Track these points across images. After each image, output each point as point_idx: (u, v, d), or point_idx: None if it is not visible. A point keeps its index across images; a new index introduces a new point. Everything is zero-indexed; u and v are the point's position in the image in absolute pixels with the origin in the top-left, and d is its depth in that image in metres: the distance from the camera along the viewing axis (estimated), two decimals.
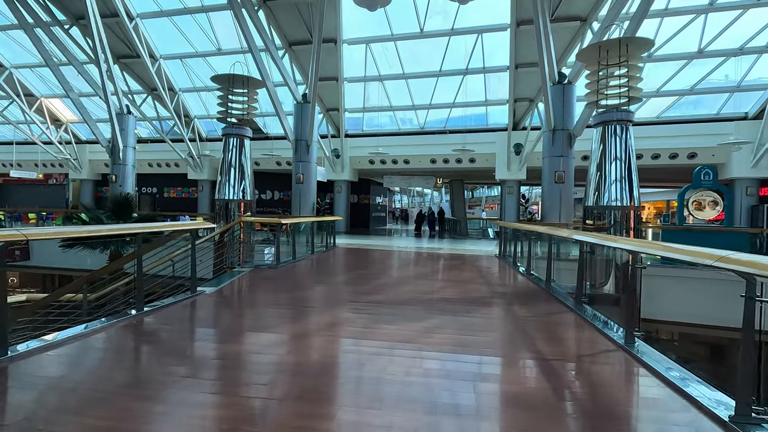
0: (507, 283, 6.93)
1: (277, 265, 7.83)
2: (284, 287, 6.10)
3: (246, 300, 5.39)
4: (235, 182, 8.09)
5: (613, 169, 6.27)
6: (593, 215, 6.51)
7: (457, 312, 4.64)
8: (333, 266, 8.50)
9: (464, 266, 8.86)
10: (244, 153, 8.25)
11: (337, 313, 4.51)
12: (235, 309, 4.89)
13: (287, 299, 5.30)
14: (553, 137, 11.30)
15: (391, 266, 8.61)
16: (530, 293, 5.95)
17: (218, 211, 8.16)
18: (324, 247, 11.53)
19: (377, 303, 5.03)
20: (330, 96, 16.99)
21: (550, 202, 11.46)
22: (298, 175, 13.67)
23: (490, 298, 5.62)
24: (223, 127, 8.24)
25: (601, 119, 6.54)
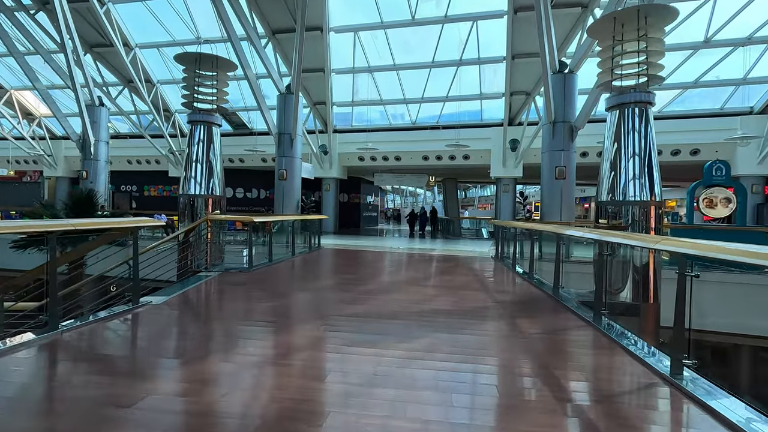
0: (507, 288, 6.12)
1: (250, 268, 6.95)
2: (249, 296, 5.23)
3: (196, 313, 4.51)
4: (203, 176, 7.19)
5: (630, 159, 5.48)
6: (607, 213, 5.72)
7: (452, 328, 3.81)
8: (313, 270, 7.65)
9: (459, 269, 8.04)
10: (213, 143, 7.34)
11: (306, 331, 3.66)
12: (176, 327, 4.00)
13: (247, 312, 4.43)
14: (553, 130, 10.53)
15: (379, 270, 7.77)
16: (536, 302, 5.14)
17: (183, 208, 7.25)
18: (307, 248, 10.66)
19: (358, 317, 4.18)
20: (317, 88, 16.11)
21: (551, 199, 10.70)
22: (281, 171, 12.78)
23: (491, 308, 4.79)
24: (189, 114, 7.34)
25: (616, 102, 5.75)
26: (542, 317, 4.44)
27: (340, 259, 9.71)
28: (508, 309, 4.77)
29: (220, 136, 7.56)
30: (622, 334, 3.52)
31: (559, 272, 5.27)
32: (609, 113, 5.91)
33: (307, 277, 6.83)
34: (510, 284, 6.42)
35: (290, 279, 6.65)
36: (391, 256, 10.32)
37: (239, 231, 13.84)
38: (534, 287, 6.01)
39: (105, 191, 15.29)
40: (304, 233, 10.98)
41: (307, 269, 7.69)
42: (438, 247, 13.01)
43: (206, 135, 7.23)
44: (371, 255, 10.38)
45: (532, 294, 5.59)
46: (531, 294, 5.60)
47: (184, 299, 4.90)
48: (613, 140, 5.72)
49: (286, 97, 12.84)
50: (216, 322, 4.09)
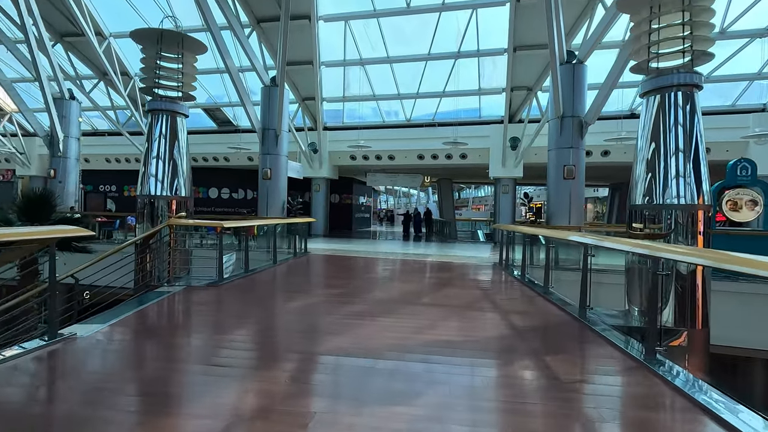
0: (522, 308, 5.19)
1: (220, 281, 5.96)
2: (206, 323, 4.25)
3: (130, 353, 3.49)
4: (165, 174, 6.18)
5: (672, 155, 4.57)
6: (643, 217, 4.81)
7: (464, 374, 2.87)
8: (294, 282, 6.66)
9: (461, 281, 7.11)
10: (178, 136, 6.34)
11: (265, 383, 2.69)
12: (99, 373, 3.01)
13: (196, 351, 3.45)
14: (561, 125, 9.66)
15: (370, 282, 6.80)
16: (562, 328, 4.21)
17: (140, 210, 6.23)
18: (292, 254, 9.67)
19: (339, 356, 3.22)
20: (305, 83, 15.13)
21: (558, 201, 9.82)
22: (265, 170, 11.77)
23: (508, 339, 3.86)
24: (149, 101, 6.34)
25: (655, 86, 4.84)
26: (577, 353, 3.52)
27: (327, 267, 8.74)
28: (530, 341, 3.83)
29: (186, 127, 6.56)
30: (698, 386, 2.59)
31: (586, 290, 4.35)
32: (645, 100, 5.01)
33: (284, 293, 5.85)
34: (523, 301, 5.49)
35: (263, 296, 5.66)
36: (384, 263, 9.36)
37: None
38: (553, 305, 5.09)
39: (76, 191, 14.20)
40: (289, 237, 10.00)
41: (287, 282, 6.71)
42: (434, 252, 12.09)
43: (169, 126, 6.22)
44: (362, 262, 9.42)
45: (554, 316, 4.66)
46: (552, 316, 4.67)
47: (124, 328, 3.90)
48: (650, 132, 4.82)
49: (270, 89, 11.85)
50: (153, 366, 3.11)
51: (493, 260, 10.04)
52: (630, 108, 14.33)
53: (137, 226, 6.24)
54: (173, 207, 6.23)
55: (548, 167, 10.13)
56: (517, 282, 6.89)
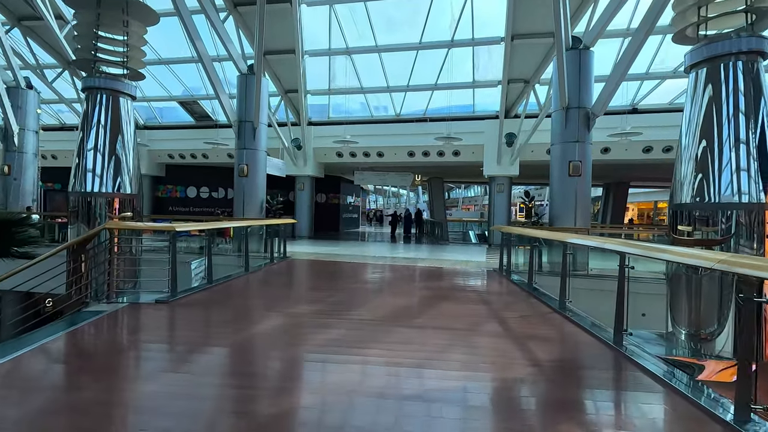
0: (540, 332, 4.24)
1: (172, 297, 4.93)
2: (136, 361, 3.24)
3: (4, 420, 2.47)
4: (105, 167, 5.12)
5: (731, 143, 3.68)
6: (692, 219, 3.93)
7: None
8: (263, 297, 5.64)
9: (459, 292, 6.17)
10: (122, 121, 5.29)
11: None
12: None
13: (112, 409, 2.43)
14: (566, 117, 8.80)
15: (354, 295, 5.81)
16: (598, 364, 3.29)
17: (73, 210, 5.16)
18: (268, 260, 8.64)
19: (313, 411, 2.25)
20: (288, 74, 14.08)
21: (563, 200, 8.96)
22: (242, 166, 10.72)
23: (530, 383, 2.91)
24: (84, 78, 5.28)
25: (707, 55, 3.94)
26: (631, 405, 2.59)
27: (306, 275, 7.73)
28: (563, 386, 2.88)
29: (131, 110, 5.50)
30: None
31: (623, 312, 3.44)
32: (692, 76, 4.12)
33: (247, 312, 4.82)
34: (538, 321, 4.57)
35: (220, 318, 4.63)
36: (372, 269, 8.38)
37: (195, 237, 11.72)
38: (575, 326, 4.18)
39: (34, 189, 12.95)
40: (267, 241, 8.98)
41: (255, 296, 5.69)
42: (426, 256, 11.15)
43: (111, 109, 5.16)
44: (347, 268, 8.42)
45: (583, 345, 3.74)
46: (581, 345, 3.75)
47: (13, 372, 2.86)
48: (700, 114, 3.93)
49: (247, 77, 10.81)
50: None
51: (491, 265, 9.14)
52: (631, 103, 13.59)
53: (70, 227, 5.17)
54: (116, 207, 5.18)
55: (551, 163, 9.28)
56: (523, 292, 5.98)
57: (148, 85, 16.34)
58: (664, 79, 12.75)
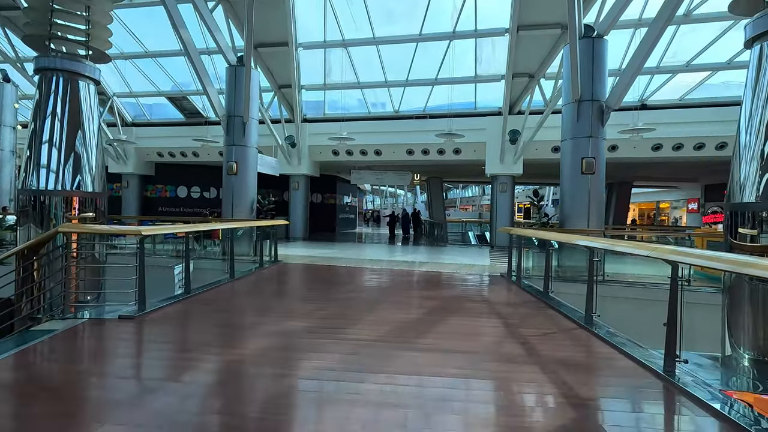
0: (571, 356, 3.62)
1: (140, 311, 4.27)
2: (82, 402, 2.57)
3: None
4: (61, 161, 4.44)
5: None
6: (760, 221, 3.30)
7: None
8: (243, 313, 4.97)
9: (468, 303, 5.53)
10: (83, 109, 4.62)
11: None
12: None
13: None
14: (578, 111, 8.19)
15: (347, 309, 5.14)
16: (652, 400, 2.66)
17: (23, 209, 4.47)
18: (257, 265, 7.98)
19: None
20: (281, 68, 13.41)
21: (575, 200, 8.36)
22: (230, 164, 10.05)
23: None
24: (36, 58, 4.60)
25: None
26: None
27: (296, 283, 7.07)
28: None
29: (94, 96, 4.82)
30: None
31: (676, 335, 2.82)
32: (754, 50, 3.48)
33: (225, 330, 4.16)
34: (567, 342, 3.94)
35: (194, 337, 3.98)
36: (369, 275, 7.74)
37: (179, 240, 11.05)
38: (610, 348, 3.56)
39: (11, 188, 12.23)
40: (256, 244, 8.34)
41: (236, 309, 5.01)
42: (426, 259, 10.52)
43: (69, 94, 4.49)
44: (342, 274, 7.77)
45: (626, 374, 3.11)
46: (624, 373, 3.13)
47: None
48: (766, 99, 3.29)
49: (236, 69, 10.14)
50: None
51: (497, 269, 8.52)
52: (640, 98, 13.01)
53: (20, 229, 4.49)
54: (74, 206, 4.51)
55: (562, 160, 8.67)
56: (539, 303, 5.35)
57: (136, 80, 15.65)
58: (676, 73, 12.17)
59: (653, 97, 13.15)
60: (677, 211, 28.95)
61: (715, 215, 22.12)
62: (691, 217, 25.04)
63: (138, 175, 18.10)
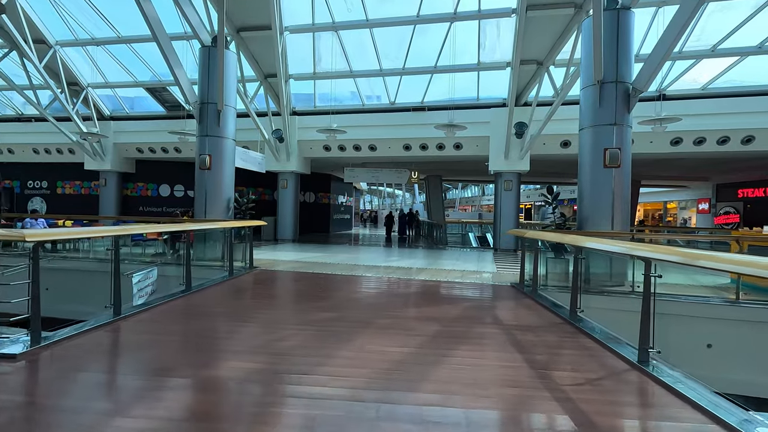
0: (635, 422, 2.48)
1: (34, 345, 3.12)
2: None
3: None
4: None
5: None
6: None
7: None
8: (184, 347, 3.81)
9: (481, 330, 4.39)
10: None
11: None
12: None
13: None
14: (601, 95, 7.06)
15: (323, 340, 3.98)
16: None
17: None
18: (227, 273, 6.83)
19: None
20: (267, 55, 12.26)
21: (596, 198, 7.22)
22: (203, 157, 8.90)
23: None
24: None
25: None
26: None
27: (263, 300, 5.91)
28: None
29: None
30: None
31: None
32: None
33: (151, 375, 3.00)
34: (624, 394, 2.80)
35: (105, 387, 2.83)
36: (358, 287, 6.59)
37: (152, 242, 9.91)
38: (689, 407, 2.42)
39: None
40: (228, 248, 7.18)
41: (174, 341, 3.85)
42: (426, 265, 9.39)
43: None
44: (323, 286, 6.62)
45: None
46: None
47: None
48: None
49: (210, 51, 8.98)
50: None
51: (505, 278, 7.40)
52: (659, 88, 11.88)
53: None
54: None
55: (580, 152, 7.54)
56: (567, 326, 4.21)
57: (111, 69, 14.49)
58: (700, 59, 11.05)
59: (672, 87, 12.04)
60: (686, 212, 27.83)
61: (728, 216, 21.05)
62: (701, 218, 23.93)
63: (116, 172, 16.91)
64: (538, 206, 41.61)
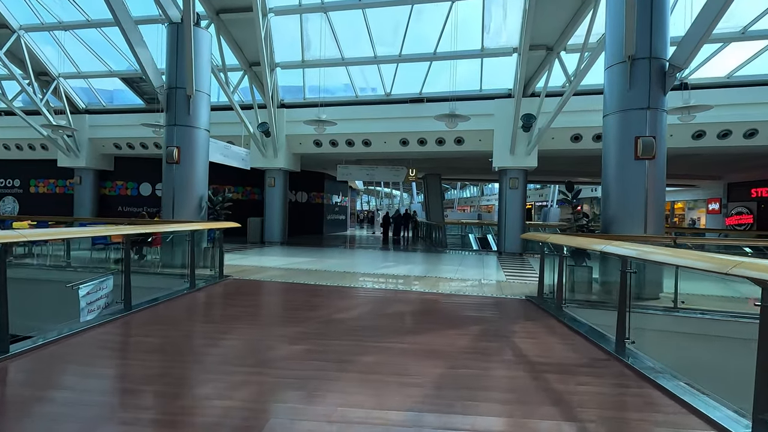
0: None
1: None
2: None
3: None
4: None
5: None
6: None
7: None
8: (97, 396, 2.71)
9: (497, 374, 3.30)
10: None
11: None
12: None
13: None
14: (631, 73, 5.98)
15: (268, 394, 2.89)
16: None
17: None
18: (187, 286, 5.71)
19: None
20: (252, 41, 11.14)
21: (624, 195, 6.14)
22: (170, 149, 7.77)
23: None
24: None
25: None
26: None
27: (225, 323, 4.77)
28: None
29: None
30: None
31: None
32: None
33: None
34: None
35: None
36: (344, 302, 5.48)
37: (114, 246, 8.77)
38: None
39: None
40: (189, 255, 6.06)
41: (86, 385, 2.75)
42: (423, 272, 8.30)
43: None
44: (302, 301, 5.50)
45: None
46: None
47: None
48: None
49: (178, 28, 7.86)
50: None
51: (516, 288, 6.32)
52: (680, 76, 10.80)
53: None
54: None
55: (604, 142, 6.45)
56: (616, 363, 3.12)
57: (84, 58, 13.36)
58: (728, 42, 9.99)
59: (694, 75, 10.97)
60: (694, 212, 26.81)
61: (740, 216, 20.04)
62: (711, 218, 22.91)
63: (93, 169, 15.77)
64: (539, 206, 40.60)
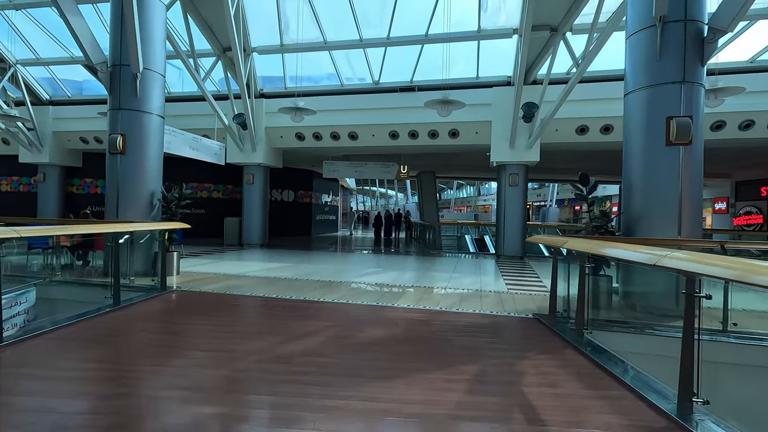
0: None
1: None
2: None
3: None
4: None
5: None
6: None
7: None
8: None
9: None
10: None
11: None
12: None
13: None
14: (661, 40, 4.88)
15: None
16: None
17: None
18: (111, 302, 4.55)
19: None
20: (223, 23, 9.96)
21: (651, 188, 5.04)
22: (113, 137, 6.60)
23: None
24: None
25: None
26: None
27: (136, 358, 3.61)
28: None
29: None
30: None
31: None
32: None
33: None
34: None
35: None
36: (305, 328, 4.35)
37: (57, 249, 7.59)
38: None
39: None
40: (114, 263, 4.93)
41: None
42: (414, 280, 7.18)
43: None
44: (246, 329, 4.37)
45: None
46: None
47: None
48: None
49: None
50: None
51: (519, 301, 5.21)
52: None
53: None
54: None
55: (626, 124, 5.36)
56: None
57: (42, 41, 12.15)
58: (754, 21, 8.94)
59: (712, 61, 9.91)
60: None
61: (749, 216, 19.06)
62: (717, 218, 21.95)
63: (58, 166, 14.55)
64: (537, 207, 39.57)
